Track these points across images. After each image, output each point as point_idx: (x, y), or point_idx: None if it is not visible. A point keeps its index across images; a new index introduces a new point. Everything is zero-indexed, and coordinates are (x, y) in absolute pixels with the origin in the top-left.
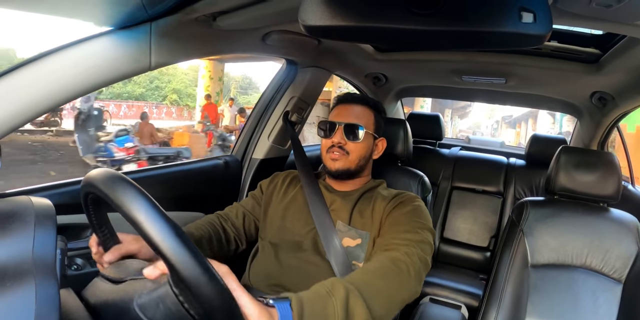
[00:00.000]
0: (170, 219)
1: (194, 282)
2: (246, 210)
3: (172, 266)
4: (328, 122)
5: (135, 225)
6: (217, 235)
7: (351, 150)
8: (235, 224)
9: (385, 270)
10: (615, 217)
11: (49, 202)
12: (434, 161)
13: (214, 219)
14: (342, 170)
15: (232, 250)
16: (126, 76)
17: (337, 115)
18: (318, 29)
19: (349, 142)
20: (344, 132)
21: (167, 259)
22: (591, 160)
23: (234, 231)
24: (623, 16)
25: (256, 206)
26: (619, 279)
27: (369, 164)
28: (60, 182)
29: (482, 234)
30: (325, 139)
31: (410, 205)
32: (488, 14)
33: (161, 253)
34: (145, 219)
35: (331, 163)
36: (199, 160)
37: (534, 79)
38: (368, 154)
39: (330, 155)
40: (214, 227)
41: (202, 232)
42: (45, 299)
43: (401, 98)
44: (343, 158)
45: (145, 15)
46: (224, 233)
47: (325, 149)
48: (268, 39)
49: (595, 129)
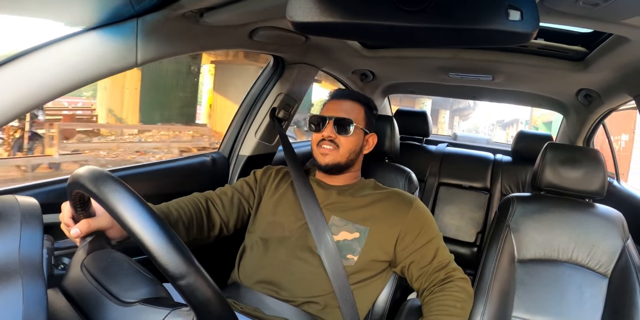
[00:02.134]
0: (158, 218)
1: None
2: (242, 196)
3: (161, 266)
4: (319, 116)
5: (122, 224)
6: (199, 219)
7: (341, 144)
8: (226, 208)
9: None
10: (601, 213)
11: (35, 201)
12: (421, 157)
13: (200, 201)
14: (333, 164)
15: (214, 236)
16: (112, 73)
17: (328, 110)
18: (305, 25)
19: (339, 136)
20: (334, 126)
21: (153, 257)
22: (577, 157)
23: (221, 216)
24: (609, 15)
25: (251, 194)
26: (605, 273)
27: (359, 159)
28: (46, 181)
29: (469, 229)
30: (315, 133)
31: (429, 217)
32: (475, 11)
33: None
34: (133, 218)
35: (321, 158)
36: (186, 157)
37: (521, 76)
38: (358, 148)
39: (320, 150)
40: (197, 210)
41: (181, 213)
42: (33, 299)
43: (388, 95)
44: (333, 153)
45: (131, 11)
46: (207, 217)
47: (315, 142)
48: (255, 35)
49: (581, 126)
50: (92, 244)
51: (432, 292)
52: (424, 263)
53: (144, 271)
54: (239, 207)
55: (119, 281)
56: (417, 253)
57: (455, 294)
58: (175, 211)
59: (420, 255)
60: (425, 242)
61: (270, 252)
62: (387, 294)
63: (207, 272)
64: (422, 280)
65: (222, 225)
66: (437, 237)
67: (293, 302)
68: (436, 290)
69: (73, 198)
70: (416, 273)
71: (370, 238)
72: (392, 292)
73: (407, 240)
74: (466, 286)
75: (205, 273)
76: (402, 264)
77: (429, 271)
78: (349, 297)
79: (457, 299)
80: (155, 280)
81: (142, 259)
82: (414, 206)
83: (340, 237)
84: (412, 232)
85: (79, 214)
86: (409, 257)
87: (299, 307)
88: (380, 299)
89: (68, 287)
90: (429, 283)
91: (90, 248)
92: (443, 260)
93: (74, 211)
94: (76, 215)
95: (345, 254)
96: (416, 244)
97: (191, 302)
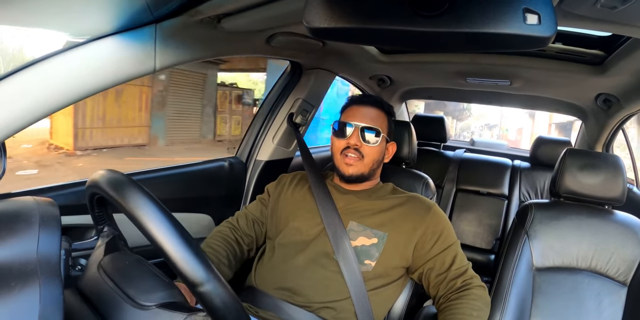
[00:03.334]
0: (178, 224)
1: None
2: (255, 216)
3: (180, 273)
4: (344, 122)
5: (143, 230)
6: (234, 252)
7: (366, 154)
8: (246, 233)
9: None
10: (620, 220)
11: (54, 202)
12: (439, 163)
13: (227, 234)
14: (357, 175)
15: (245, 258)
16: (131, 77)
17: (353, 116)
18: (322, 31)
19: (364, 144)
20: (360, 134)
21: (173, 264)
22: (596, 163)
23: (247, 241)
24: (628, 17)
25: (264, 210)
26: (624, 282)
27: (380, 168)
28: (65, 183)
29: (486, 236)
30: (339, 139)
31: (447, 223)
32: (492, 15)
33: (168, 259)
34: (153, 225)
35: (345, 167)
36: (203, 162)
37: (539, 80)
38: (381, 157)
39: (345, 160)
40: (229, 245)
41: (220, 256)
42: (49, 299)
43: (406, 100)
44: (358, 163)
45: (150, 17)
46: (239, 247)
47: (339, 150)
48: (272, 41)
49: (600, 131)
50: (109, 245)
51: (448, 299)
52: (441, 270)
53: (161, 274)
54: (255, 228)
55: (136, 284)
56: (434, 259)
57: (472, 302)
58: (214, 257)
59: (439, 261)
60: (444, 249)
61: (288, 258)
62: (403, 301)
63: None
64: (439, 288)
65: (252, 248)
66: (455, 244)
67: (309, 308)
68: (452, 298)
69: (91, 201)
70: (433, 280)
71: (389, 244)
72: (408, 299)
73: (426, 246)
74: (483, 294)
75: (224, 280)
76: (419, 271)
77: (446, 278)
78: (365, 303)
79: (474, 307)
80: (172, 284)
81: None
82: (433, 212)
83: (359, 243)
84: (430, 238)
85: (98, 217)
86: (426, 263)
87: (314, 312)
88: (396, 305)
89: (85, 287)
90: (445, 290)
91: (107, 249)
92: (461, 267)
93: (92, 216)
94: (94, 217)
95: (363, 259)
96: (434, 250)
97: (209, 308)
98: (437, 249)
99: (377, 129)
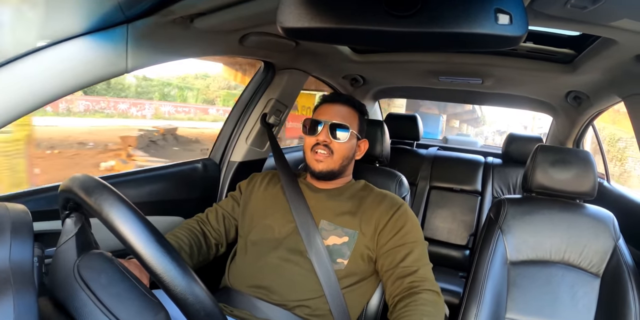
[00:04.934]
0: (152, 226)
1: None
2: (225, 211)
3: (166, 288)
4: (314, 120)
5: (117, 234)
6: (198, 243)
7: (335, 150)
8: (215, 227)
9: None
10: (592, 213)
11: (25, 208)
12: (412, 161)
13: (194, 226)
14: (326, 171)
15: (212, 254)
16: (102, 79)
17: (323, 113)
18: (296, 31)
19: (334, 141)
20: (329, 131)
21: (149, 268)
22: (567, 158)
23: (214, 235)
24: (598, 17)
25: (235, 207)
26: (597, 273)
27: (351, 164)
28: (36, 188)
29: (460, 232)
30: (309, 136)
31: (412, 222)
32: (464, 15)
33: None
34: (128, 228)
35: (315, 164)
36: (176, 164)
37: (510, 79)
38: (351, 154)
39: (314, 156)
40: (194, 235)
41: (181, 243)
42: (24, 308)
43: (379, 99)
44: (328, 159)
45: (121, 17)
46: (205, 239)
47: (309, 147)
48: (246, 41)
49: (570, 128)
50: (79, 239)
51: (395, 304)
52: (390, 265)
53: (147, 292)
54: (225, 223)
55: (126, 306)
56: (387, 254)
57: (421, 308)
58: (175, 243)
59: (390, 257)
60: (399, 245)
61: (261, 255)
62: (379, 298)
63: (199, 277)
64: (388, 284)
65: (219, 243)
66: (415, 244)
67: (284, 306)
68: (400, 304)
69: (64, 206)
70: (384, 276)
71: (359, 242)
72: (384, 296)
73: (382, 240)
74: (433, 299)
75: (208, 292)
76: (376, 267)
77: (393, 274)
78: (340, 301)
79: (423, 312)
80: (160, 306)
81: None
82: (401, 210)
83: (330, 242)
84: (389, 232)
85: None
86: (380, 257)
87: (290, 310)
88: (372, 303)
89: (61, 297)
90: (393, 288)
91: (79, 245)
92: (411, 266)
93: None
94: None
95: (335, 258)
96: (388, 245)
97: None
98: (391, 244)
99: (346, 126)
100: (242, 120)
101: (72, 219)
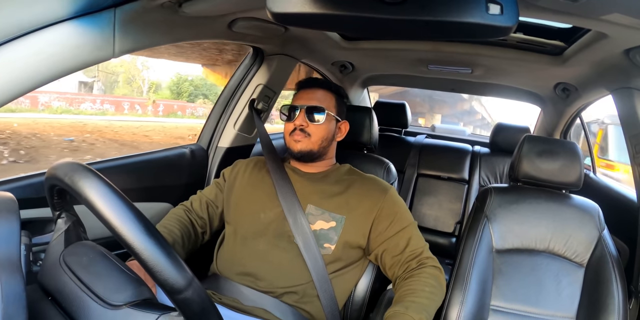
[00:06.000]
0: (139, 212)
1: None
2: (209, 199)
3: (160, 282)
4: (290, 106)
5: (103, 220)
6: (188, 233)
7: (312, 132)
8: (199, 215)
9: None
10: (577, 204)
11: (12, 196)
12: (400, 149)
13: (182, 215)
14: (305, 151)
15: (199, 242)
16: (89, 64)
17: (299, 99)
18: (285, 16)
19: (310, 124)
20: (306, 115)
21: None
22: (554, 149)
23: (200, 223)
24: (588, 10)
25: (219, 194)
26: (581, 263)
27: (332, 146)
28: (23, 175)
29: (447, 220)
30: (287, 122)
31: (402, 205)
32: (455, 4)
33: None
34: (113, 213)
35: (294, 144)
36: (164, 149)
37: (499, 69)
38: (330, 135)
39: (292, 137)
40: (184, 226)
41: (175, 236)
42: (12, 296)
43: (367, 86)
44: (305, 140)
45: (109, 1)
46: (193, 228)
47: (287, 132)
48: (234, 26)
49: (558, 119)
50: (68, 234)
51: (403, 278)
52: (396, 252)
53: (128, 269)
54: (209, 211)
55: (104, 281)
56: (389, 241)
57: (425, 280)
58: (170, 237)
59: (393, 243)
60: (399, 230)
61: (248, 241)
62: (366, 284)
63: (188, 264)
64: (395, 269)
65: (204, 231)
66: (410, 226)
67: (272, 293)
68: (407, 277)
69: (51, 193)
70: (389, 261)
71: (347, 226)
72: (371, 282)
73: (380, 227)
74: (437, 274)
75: (200, 285)
76: (375, 252)
77: (401, 260)
78: (327, 286)
79: (427, 283)
80: (141, 281)
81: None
82: (389, 194)
83: (317, 227)
84: (385, 219)
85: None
86: (381, 244)
87: (278, 297)
88: (359, 288)
89: (49, 284)
90: (401, 271)
91: (67, 238)
92: (416, 249)
93: (51, 207)
94: (54, 211)
95: (322, 243)
96: (389, 231)
97: (186, 313)
98: (391, 231)
99: (322, 108)
100: (230, 106)
101: (62, 219)
